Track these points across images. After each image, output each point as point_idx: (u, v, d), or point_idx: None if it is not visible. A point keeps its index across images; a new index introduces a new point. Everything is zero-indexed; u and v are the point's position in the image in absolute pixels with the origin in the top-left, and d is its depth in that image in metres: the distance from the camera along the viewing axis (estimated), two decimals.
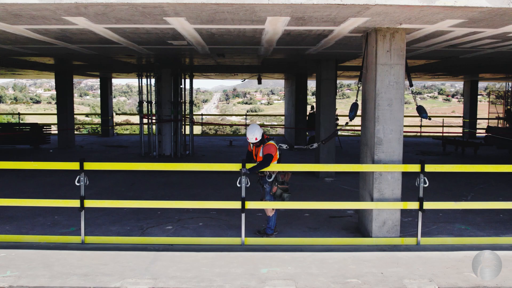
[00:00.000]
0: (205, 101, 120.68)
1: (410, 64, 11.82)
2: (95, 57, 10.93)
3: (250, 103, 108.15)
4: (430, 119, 7.23)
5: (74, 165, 6.19)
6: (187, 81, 15.80)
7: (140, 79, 15.32)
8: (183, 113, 15.29)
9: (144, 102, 15.32)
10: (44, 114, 29.97)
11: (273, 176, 6.56)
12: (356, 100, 6.53)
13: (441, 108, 79.60)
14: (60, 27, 6.23)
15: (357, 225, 7.16)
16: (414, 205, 6.27)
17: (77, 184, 6.22)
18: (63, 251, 5.94)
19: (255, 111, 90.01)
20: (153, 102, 15.32)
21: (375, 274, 5.26)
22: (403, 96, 6.23)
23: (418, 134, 21.81)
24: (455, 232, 6.96)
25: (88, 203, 6.30)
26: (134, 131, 28.57)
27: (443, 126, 20.48)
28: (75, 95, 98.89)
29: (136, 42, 7.74)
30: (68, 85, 17.02)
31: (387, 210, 6.36)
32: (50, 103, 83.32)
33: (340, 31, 6.54)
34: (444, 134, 19.43)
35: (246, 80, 18.20)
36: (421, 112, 6.57)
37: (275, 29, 6.33)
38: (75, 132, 23.83)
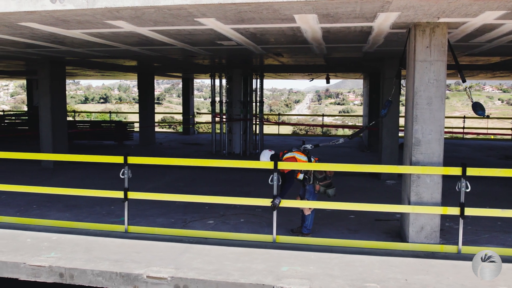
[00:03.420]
0: (297, 101, 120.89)
1: (484, 61, 10.99)
2: (163, 58, 11.55)
3: (343, 104, 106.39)
4: (488, 116, 6.74)
5: (119, 159, 6.64)
6: (265, 81, 16.09)
7: (213, 79, 15.87)
8: (253, 112, 15.59)
9: (217, 102, 15.86)
10: (130, 113, 32.03)
11: (311, 177, 6.48)
12: (390, 97, 6.27)
13: None
14: (110, 31, 6.72)
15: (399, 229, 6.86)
16: (454, 210, 5.86)
17: (122, 176, 6.66)
18: (106, 238, 6.40)
19: (347, 112, 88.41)
20: (225, 102, 15.78)
21: (398, 280, 5.03)
22: (444, 95, 5.86)
23: (509, 137, 20.10)
24: (508, 243, 6.39)
25: (131, 195, 6.72)
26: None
27: None
28: (173, 95, 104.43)
29: (187, 43, 8.08)
30: (149, 85, 18.09)
31: (426, 215, 6.02)
32: None
33: (380, 28, 6.33)
34: None
35: (313, 79, 18.06)
36: (477, 109, 6.11)
37: (311, 26, 6.28)
38: (160, 130, 25.23)
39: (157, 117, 39.76)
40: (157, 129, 28.03)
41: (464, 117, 19.38)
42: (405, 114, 6.48)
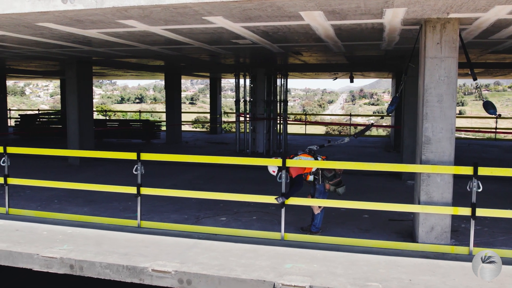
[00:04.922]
0: (331, 102, 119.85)
1: (509, 59, 10.64)
2: (185, 58, 11.71)
3: (377, 104, 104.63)
4: (499, 115, 6.57)
5: (132, 155, 6.81)
6: (289, 80, 16.12)
7: (237, 79, 15.96)
8: (277, 111, 15.60)
9: (241, 101, 15.95)
10: (164, 112, 32.37)
11: (319, 177, 6.46)
12: (397, 94, 6.20)
13: None
14: (124, 30, 6.88)
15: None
16: (465, 211, 5.72)
17: (135, 172, 6.82)
18: (117, 233, 6.56)
19: (382, 112, 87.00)
20: (248, 101, 15.85)
21: (402, 280, 4.95)
22: (455, 92, 5.72)
23: None
24: None
25: (143, 191, 6.86)
26: None
27: None
28: (207, 95, 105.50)
29: (203, 41, 8.18)
30: (176, 85, 18.37)
31: (436, 215, 5.89)
32: (184, 103, 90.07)
33: (391, 24, 6.24)
34: None
35: (337, 78, 17.89)
36: (488, 108, 5.99)
37: (320, 24, 6.25)
38: (190, 129, 25.54)
39: (190, 117, 40.35)
40: (187, 128, 28.42)
41: (497, 117, 18.74)
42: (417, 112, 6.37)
